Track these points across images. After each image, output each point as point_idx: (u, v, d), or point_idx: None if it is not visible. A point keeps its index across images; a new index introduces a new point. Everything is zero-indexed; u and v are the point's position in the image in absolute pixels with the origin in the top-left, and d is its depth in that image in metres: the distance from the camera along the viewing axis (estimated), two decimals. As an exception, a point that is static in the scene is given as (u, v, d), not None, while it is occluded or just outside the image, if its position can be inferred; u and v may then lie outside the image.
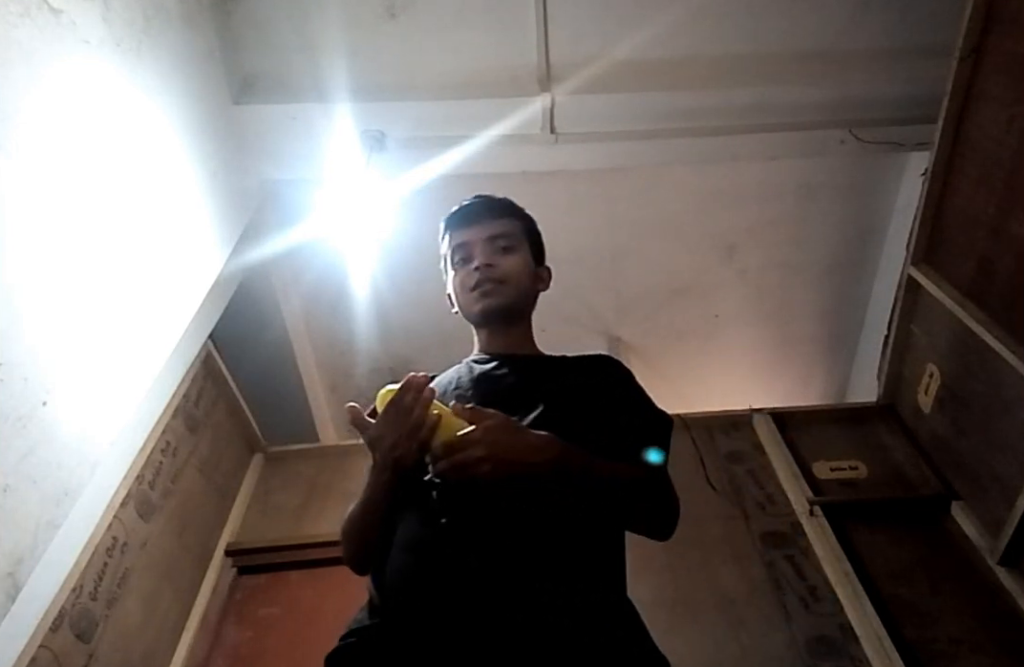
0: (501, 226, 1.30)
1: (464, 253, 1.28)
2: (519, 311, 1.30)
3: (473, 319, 1.30)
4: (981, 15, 1.82)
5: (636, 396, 1.21)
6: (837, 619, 1.96)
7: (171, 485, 2.12)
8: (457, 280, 1.29)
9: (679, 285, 3.41)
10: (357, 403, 1.10)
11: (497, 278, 1.24)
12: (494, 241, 1.28)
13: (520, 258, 1.29)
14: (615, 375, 1.23)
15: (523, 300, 1.29)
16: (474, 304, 1.25)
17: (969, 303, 2.00)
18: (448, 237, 1.33)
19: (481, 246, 1.27)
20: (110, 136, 1.56)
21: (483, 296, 1.24)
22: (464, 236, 1.29)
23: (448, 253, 1.33)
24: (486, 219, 1.30)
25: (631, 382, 1.23)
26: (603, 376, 1.22)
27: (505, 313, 1.26)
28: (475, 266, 1.25)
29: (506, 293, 1.25)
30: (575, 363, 1.26)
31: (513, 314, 1.28)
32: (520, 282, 1.27)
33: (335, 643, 1.10)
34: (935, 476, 2.29)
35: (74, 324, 1.39)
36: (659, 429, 1.16)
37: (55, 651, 1.51)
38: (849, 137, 2.35)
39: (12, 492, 1.20)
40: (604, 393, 1.18)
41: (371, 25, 2.21)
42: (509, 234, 1.30)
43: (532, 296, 1.33)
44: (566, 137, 2.31)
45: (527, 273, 1.30)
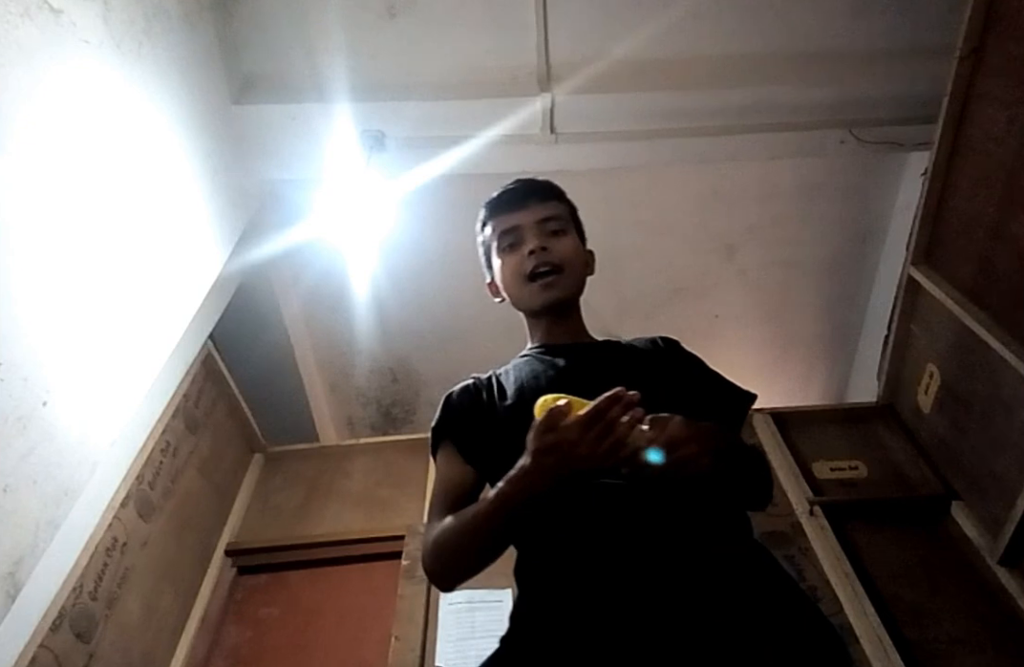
0: (550, 209, 1.25)
1: (514, 238, 1.23)
2: (576, 299, 1.27)
3: (533, 310, 1.25)
4: (981, 15, 1.81)
5: (711, 372, 1.25)
6: (837, 619, 1.96)
7: (171, 485, 2.12)
8: (508, 267, 1.24)
9: (679, 285, 3.41)
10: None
11: (555, 263, 1.20)
12: (545, 224, 1.23)
13: (572, 240, 1.26)
14: (685, 353, 1.26)
15: (580, 287, 1.26)
16: (537, 296, 1.21)
17: (969, 303, 2.00)
18: (492, 223, 1.28)
19: (532, 229, 1.22)
20: (110, 136, 1.56)
21: (545, 289, 1.20)
22: (512, 221, 1.24)
23: (493, 240, 1.27)
24: (533, 202, 1.25)
25: (699, 359, 1.27)
26: (676, 355, 1.24)
27: (569, 303, 1.24)
28: (529, 250, 1.20)
29: (567, 282, 1.22)
30: (644, 345, 1.26)
31: (573, 303, 1.26)
32: (576, 267, 1.24)
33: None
34: (935, 476, 2.29)
35: (74, 324, 1.39)
36: (744, 404, 1.21)
37: (55, 651, 1.51)
38: (849, 137, 2.35)
39: (12, 492, 1.20)
40: (683, 370, 1.20)
41: (371, 25, 2.21)
42: (558, 217, 1.26)
43: (585, 281, 1.29)
44: (566, 137, 2.32)
45: (580, 257, 1.27)
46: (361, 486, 2.62)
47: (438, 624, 2.06)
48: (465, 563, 1.09)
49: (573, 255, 1.24)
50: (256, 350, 2.89)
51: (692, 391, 1.14)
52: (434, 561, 1.10)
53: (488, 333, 3.41)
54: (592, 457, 0.91)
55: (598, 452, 0.91)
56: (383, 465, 2.70)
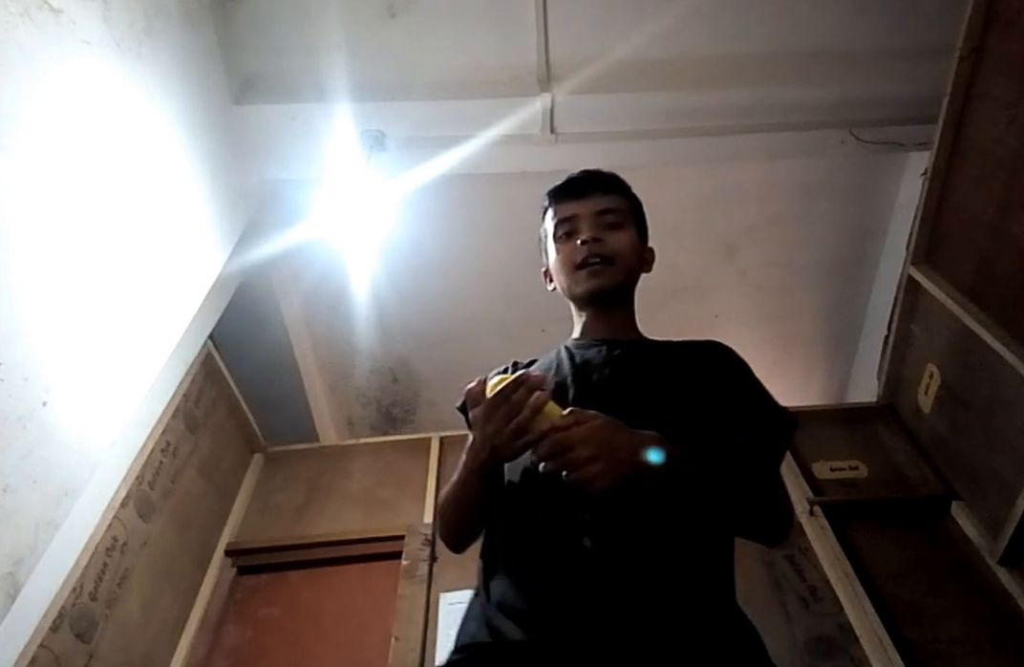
0: (610, 201, 1.25)
1: (570, 227, 1.23)
2: (625, 292, 1.25)
3: (577, 298, 1.25)
4: (981, 15, 1.81)
5: (752, 388, 1.16)
6: (837, 619, 1.96)
7: (171, 485, 2.12)
8: (561, 255, 1.23)
9: (679, 285, 3.41)
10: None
11: (606, 254, 1.20)
12: (602, 216, 1.23)
13: (628, 235, 1.25)
14: (729, 364, 1.19)
15: (630, 281, 1.25)
16: (581, 283, 1.20)
17: (969, 303, 2.00)
18: (552, 210, 1.28)
19: (589, 220, 1.22)
20: (110, 136, 1.56)
21: (591, 276, 1.19)
22: (571, 210, 1.24)
23: (551, 227, 1.27)
24: (594, 193, 1.25)
25: (746, 372, 1.19)
26: (715, 365, 1.18)
27: (612, 294, 1.22)
28: (582, 240, 1.20)
29: (614, 273, 1.20)
30: (684, 349, 1.21)
31: (619, 296, 1.24)
32: (627, 261, 1.23)
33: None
34: (935, 476, 2.29)
35: (74, 324, 1.39)
36: (778, 426, 1.12)
37: (55, 651, 1.51)
38: (849, 137, 2.35)
39: (12, 492, 1.20)
40: (716, 384, 1.13)
41: (371, 25, 2.21)
42: (617, 209, 1.25)
43: (637, 276, 1.28)
44: (566, 137, 2.31)
45: (635, 251, 1.26)
46: (361, 486, 2.62)
47: (438, 624, 2.06)
48: (455, 528, 1.15)
49: (626, 249, 1.23)
50: (256, 350, 2.89)
51: (717, 409, 1.09)
52: (439, 527, 1.17)
53: (488, 333, 3.42)
54: (498, 435, 0.95)
55: (503, 432, 0.94)
56: (383, 465, 2.70)
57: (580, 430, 0.90)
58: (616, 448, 0.89)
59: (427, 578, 2.17)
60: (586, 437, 0.89)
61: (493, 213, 3.06)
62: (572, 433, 0.90)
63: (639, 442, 0.92)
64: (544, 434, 0.91)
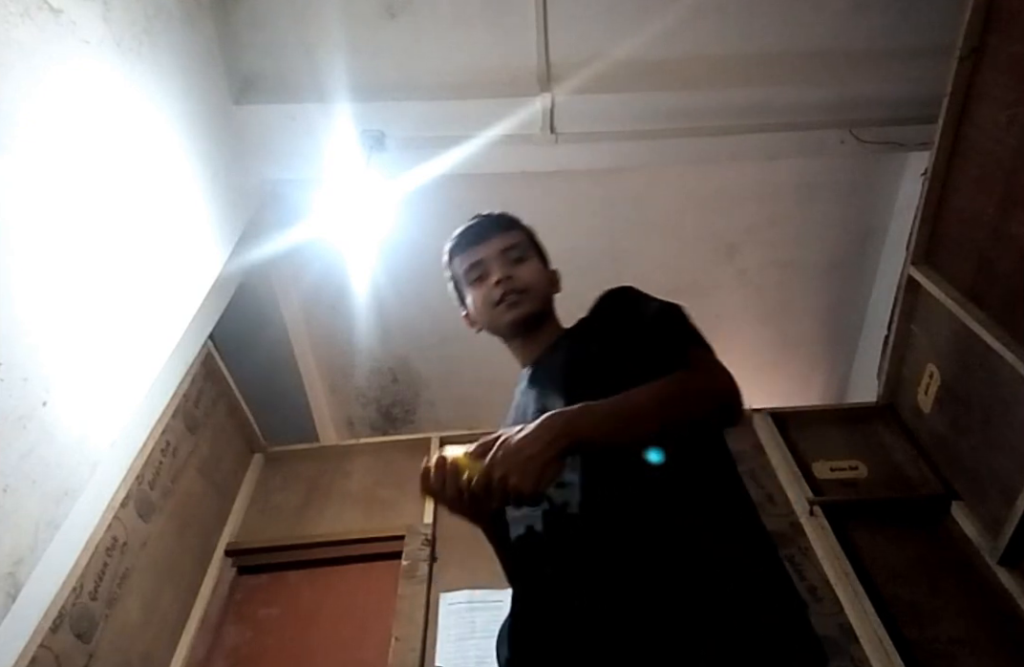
0: (509, 238, 1.34)
1: (480, 271, 1.31)
2: (545, 315, 1.33)
3: (504, 331, 1.33)
4: (981, 15, 1.81)
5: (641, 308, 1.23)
6: (837, 619, 1.96)
7: (171, 485, 2.12)
8: (478, 298, 1.32)
9: (679, 285, 3.40)
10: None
11: (519, 288, 1.28)
12: (506, 253, 1.31)
13: (533, 265, 1.34)
14: (619, 303, 1.27)
15: (547, 304, 1.34)
16: (504, 316, 1.29)
17: (969, 303, 2.00)
18: (458, 260, 1.36)
19: (496, 260, 1.31)
20: (110, 136, 1.56)
21: (511, 307, 1.28)
22: (477, 254, 1.32)
23: (461, 275, 1.36)
24: (493, 234, 1.34)
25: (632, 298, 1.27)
26: (610, 312, 1.26)
27: (534, 320, 1.30)
28: (496, 280, 1.28)
29: (531, 302, 1.29)
30: (591, 317, 1.30)
31: (540, 320, 1.32)
32: (539, 289, 1.32)
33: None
34: (935, 476, 2.29)
35: (74, 324, 1.39)
36: (672, 320, 1.18)
37: (55, 651, 1.51)
38: (849, 137, 2.35)
39: (12, 492, 1.19)
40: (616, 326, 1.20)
41: (371, 25, 2.21)
42: (518, 244, 1.34)
43: (551, 298, 1.38)
44: (566, 137, 2.31)
45: (543, 278, 1.35)
46: (361, 486, 2.62)
47: (438, 624, 2.06)
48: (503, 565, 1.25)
49: (537, 278, 1.33)
50: (256, 350, 2.89)
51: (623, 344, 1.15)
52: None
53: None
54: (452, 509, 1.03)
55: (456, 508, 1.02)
56: (383, 465, 2.70)
57: (485, 462, 0.94)
58: (521, 450, 0.92)
59: (427, 578, 2.17)
60: (491, 464, 0.93)
61: (493, 213, 3.06)
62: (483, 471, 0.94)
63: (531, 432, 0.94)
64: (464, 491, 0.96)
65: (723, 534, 1.01)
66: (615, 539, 1.01)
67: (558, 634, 1.01)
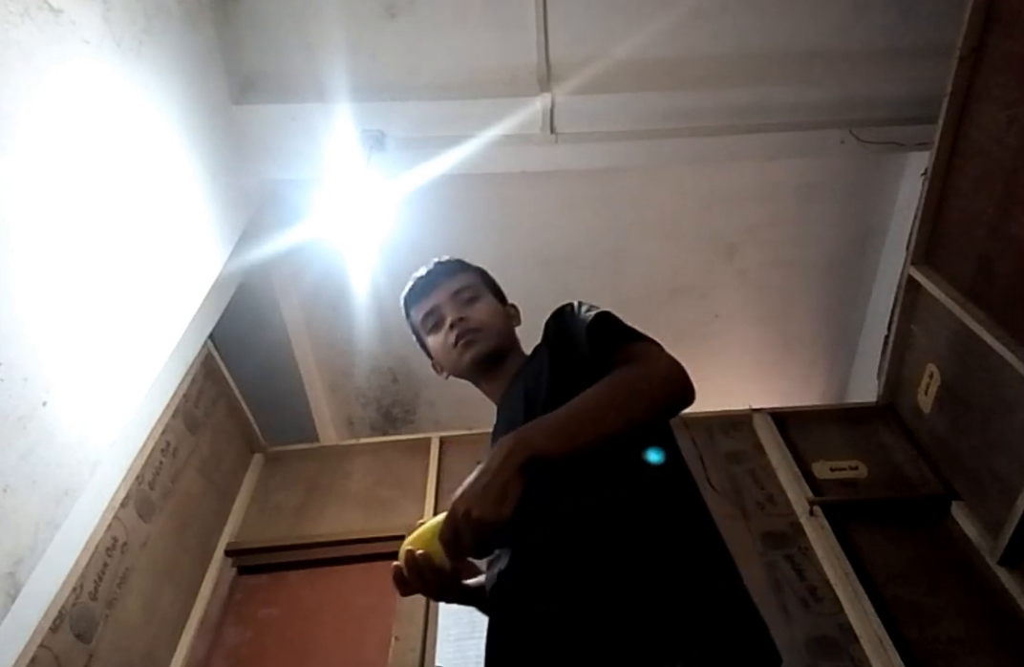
0: (459, 281, 1.36)
1: (435, 318, 1.33)
2: (504, 351, 1.33)
3: (466, 371, 1.33)
4: (981, 15, 1.81)
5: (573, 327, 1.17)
6: (837, 619, 1.96)
7: (171, 485, 2.12)
8: (438, 343, 1.33)
9: (679, 285, 3.41)
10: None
11: (474, 327, 1.29)
12: (458, 295, 1.33)
13: (486, 303, 1.35)
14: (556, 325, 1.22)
15: (505, 340, 1.33)
16: (462, 357, 1.29)
17: (969, 303, 2.00)
18: (413, 310, 1.39)
19: (449, 305, 1.32)
20: (110, 136, 1.56)
21: (466, 347, 1.28)
22: (430, 303, 1.34)
23: (419, 324, 1.38)
24: (442, 280, 1.36)
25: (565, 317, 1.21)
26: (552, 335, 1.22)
27: (493, 356, 1.30)
28: (449, 324, 1.30)
29: (487, 339, 1.29)
30: (540, 344, 1.28)
31: (500, 355, 1.32)
32: (495, 324, 1.32)
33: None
34: (935, 476, 2.29)
35: (74, 324, 1.39)
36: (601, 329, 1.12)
37: (55, 651, 1.51)
38: (849, 137, 2.35)
39: (12, 492, 1.20)
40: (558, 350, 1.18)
41: (371, 25, 2.21)
42: (468, 285, 1.36)
43: (510, 333, 1.37)
44: (566, 137, 2.31)
45: (499, 315, 1.35)
46: (361, 486, 2.62)
47: (438, 624, 2.06)
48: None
49: (489, 316, 1.33)
50: (256, 350, 2.89)
51: (574, 370, 1.12)
52: None
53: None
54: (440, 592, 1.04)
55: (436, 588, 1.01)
56: (383, 465, 2.70)
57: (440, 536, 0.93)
58: (476, 481, 0.91)
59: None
60: (452, 508, 0.91)
61: (493, 213, 3.06)
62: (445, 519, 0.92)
63: (498, 446, 0.93)
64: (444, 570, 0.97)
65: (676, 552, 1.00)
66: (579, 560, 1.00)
67: (524, 645, 1.02)
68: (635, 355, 1.06)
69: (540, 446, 0.92)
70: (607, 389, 1.00)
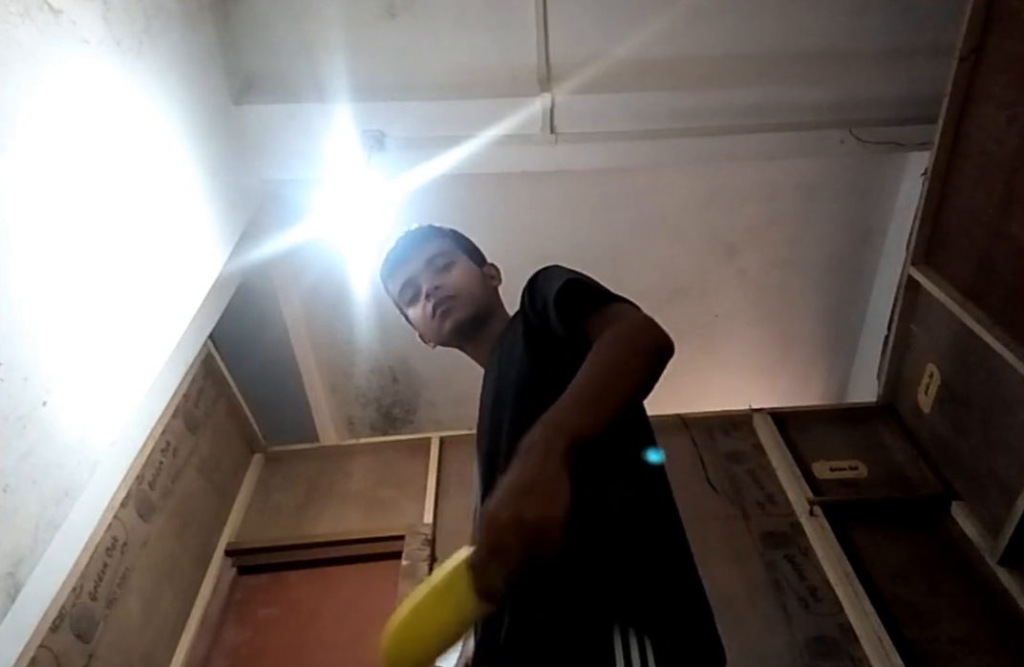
0: (430, 248, 1.34)
1: (413, 288, 1.32)
2: (484, 315, 1.31)
3: (448, 339, 1.31)
4: (981, 15, 1.81)
5: (543, 289, 1.11)
6: (837, 619, 1.96)
7: (171, 485, 2.12)
8: (418, 315, 1.31)
9: (679, 285, 3.41)
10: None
11: (450, 294, 1.27)
12: (432, 263, 1.31)
13: (462, 268, 1.33)
14: (529, 295, 1.17)
15: (483, 304, 1.31)
16: (442, 326, 1.27)
17: (969, 303, 2.00)
18: (390, 284, 1.37)
19: (424, 274, 1.30)
20: (110, 136, 1.56)
21: (444, 316, 1.27)
22: (404, 274, 1.32)
23: (398, 298, 1.36)
24: (414, 250, 1.34)
25: (535, 289, 1.15)
26: (526, 307, 1.17)
27: (472, 322, 1.28)
28: (425, 294, 1.28)
29: (464, 305, 1.27)
30: (517, 312, 1.23)
31: (480, 320, 1.30)
32: (472, 289, 1.30)
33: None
34: (935, 476, 2.29)
35: (74, 324, 1.39)
36: (568, 293, 1.05)
37: (55, 651, 1.51)
38: (849, 137, 2.35)
39: (12, 492, 1.20)
40: (527, 316, 1.14)
41: (371, 25, 2.21)
42: (441, 251, 1.34)
43: (491, 295, 1.35)
44: (566, 137, 2.31)
45: (476, 278, 1.33)
46: (361, 486, 2.62)
47: (438, 624, 2.05)
48: None
49: (464, 281, 1.31)
50: (256, 350, 2.89)
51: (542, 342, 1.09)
52: None
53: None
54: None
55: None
56: (383, 465, 2.70)
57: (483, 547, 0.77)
58: (517, 501, 0.75)
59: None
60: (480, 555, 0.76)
61: (493, 213, 3.06)
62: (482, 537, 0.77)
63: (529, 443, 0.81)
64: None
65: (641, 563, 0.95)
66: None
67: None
68: (607, 321, 1.01)
69: (575, 427, 0.82)
70: (602, 357, 0.94)
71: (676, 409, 2.67)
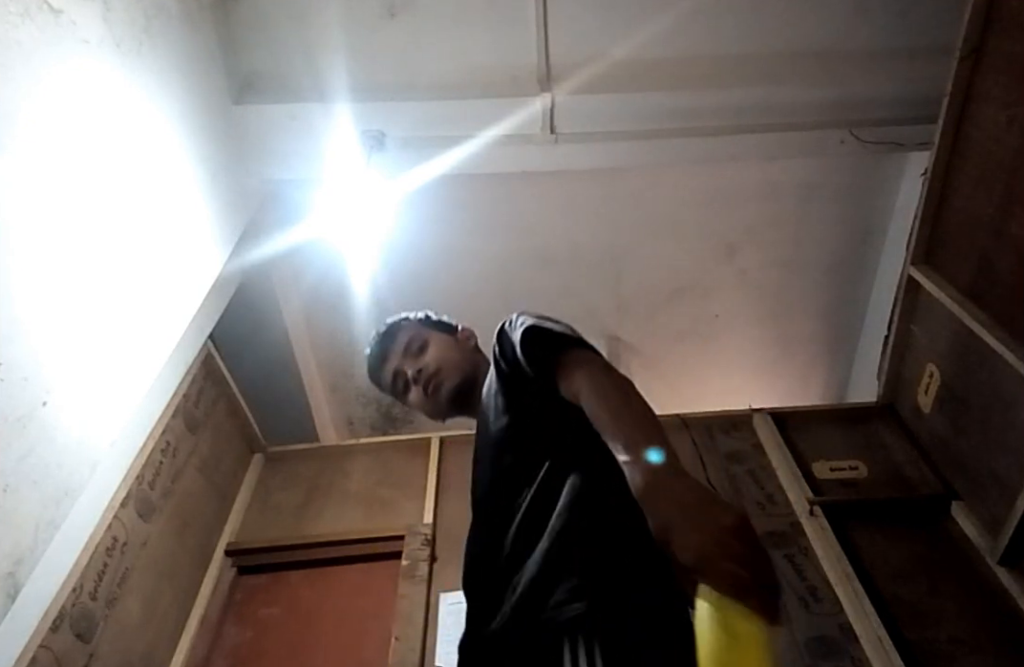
0: (403, 339, 1.42)
1: (402, 379, 1.39)
2: (472, 377, 1.36)
3: (450, 410, 1.39)
4: (981, 15, 1.81)
5: (507, 339, 1.17)
6: (837, 619, 1.96)
7: (171, 485, 2.12)
8: (416, 399, 1.39)
9: (679, 285, 3.41)
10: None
11: (432, 373, 1.34)
12: (408, 350, 1.39)
13: (436, 344, 1.40)
14: (497, 344, 1.21)
15: (468, 367, 1.37)
16: (437, 402, 1.35)
17: (969, 303, 2.00)
18: (382, 382, 1.45)
19: (404, 363, 1.38)
20: (110, 136, 1.56)
21: (436, 391, 1.34)
22: (389, 369, 1.41)
23: (392, 391, 1.44)
24: (389, 344, 1.42)
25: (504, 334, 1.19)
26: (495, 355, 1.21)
27: (463, 386, 1.34)
28: (412, 379, 1.36)
29: (449, 378, 1.34)
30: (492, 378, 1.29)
31: (470, 382, 1.35)
32: (451, 359, 1.37)
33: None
34: (935, 476, 2.29)
35: (74, 324, 1.39)
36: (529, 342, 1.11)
37: (55, 651, 1.51)
38: (849, 137, 2.35)
39: (12, 492, 1.19)
40: (499, 368, 1.19)
41: (371, 25, 2.21)
42: (413, 337, 1.41)
43: (472, 355, 1.42)
44: (566, 137, 2.31)
45: (451, 347, 1.41)
46: (361, 486, 2.62)
47: (438, 624, 2.06)
48: None
49: (443, 353, 1.38)
50: (256, 350, 2.89)
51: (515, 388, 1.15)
52: None
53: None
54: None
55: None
56: (383, 465, 2.70)
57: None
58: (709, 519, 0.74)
59: (427, 578, 2.17)
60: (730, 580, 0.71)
61: (493, 213, 3.06)
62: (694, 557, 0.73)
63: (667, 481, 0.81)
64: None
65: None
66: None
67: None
68: (572, 367, 1.07)
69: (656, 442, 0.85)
70: (603, 399, 0.99)
71: (676, 409, 2.67)
